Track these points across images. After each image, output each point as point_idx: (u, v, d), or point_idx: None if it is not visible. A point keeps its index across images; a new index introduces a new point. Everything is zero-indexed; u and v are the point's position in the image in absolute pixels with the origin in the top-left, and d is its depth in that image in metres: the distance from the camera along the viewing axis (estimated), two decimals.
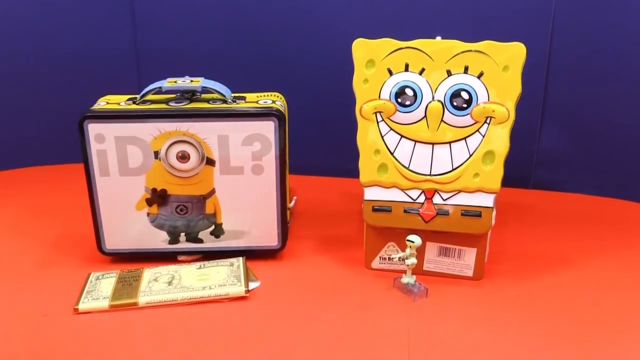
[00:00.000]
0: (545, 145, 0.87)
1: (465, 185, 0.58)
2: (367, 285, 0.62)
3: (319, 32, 0.87)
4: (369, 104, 0.59)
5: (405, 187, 0.60)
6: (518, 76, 0.56)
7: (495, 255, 0.67)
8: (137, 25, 0.92)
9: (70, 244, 0.70)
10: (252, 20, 0.88)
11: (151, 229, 0.65)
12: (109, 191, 0.63)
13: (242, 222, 0.65)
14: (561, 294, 0.60)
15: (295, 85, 0.85)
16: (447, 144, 0.58)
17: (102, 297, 0.58)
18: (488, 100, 0.57)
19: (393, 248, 0.63)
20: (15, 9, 0.90)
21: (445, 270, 0.63)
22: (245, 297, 0.59)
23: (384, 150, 0.59)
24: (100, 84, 0.81)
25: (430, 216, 0.59)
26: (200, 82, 0.63)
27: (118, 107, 0.62)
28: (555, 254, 0.68)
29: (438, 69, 0.57)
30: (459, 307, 0.57)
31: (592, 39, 0.78)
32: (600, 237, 0.73)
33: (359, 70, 0.59)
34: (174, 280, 0.61)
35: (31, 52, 0.92)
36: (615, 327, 0.54)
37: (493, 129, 0.57)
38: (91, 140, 0.60)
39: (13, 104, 0.95)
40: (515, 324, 0.55)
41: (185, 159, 0.62)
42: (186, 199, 0.64)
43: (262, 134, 0.61)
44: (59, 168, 0.97)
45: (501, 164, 0.57)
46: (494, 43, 0.56)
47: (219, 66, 0.90)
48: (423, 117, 0.58)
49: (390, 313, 0.56)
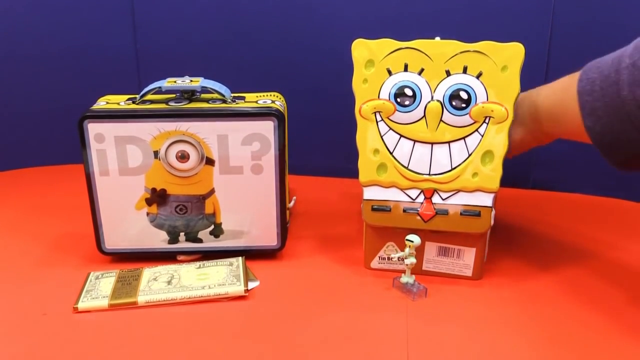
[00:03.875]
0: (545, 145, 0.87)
1: (465, 184, 0.58)
2: (366, 285, 0.62)
3: (319, 32, 0.87)
4: (368, 103, 0.59)
5: (404, 187, 0.60)
6: (517, 76, 0.56)
7: (495, 255, 0.67)
8: (137, 25, 0.92)
9: (70, 243, 0.70)
10: (252, 20, 0.88)
11: (151, 229, 0.65)
12: (108, 191, 0.63)
13: (242, 222, 0.65)
14: (560, 294, 0.60)
15: (294, 85, 0.85)
16: (446, 143, 0.58)
17: (102, 297, 0.58)
18: (487, 100, 0.57)
19: (392, 248, 0.63)
20: (15, 9, 0.90)
21: (444, 270, 0.63)
22: (244, 296, 0.59)
23: (383, 150, 0.59)
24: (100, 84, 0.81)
25: (430, 216, 0.59)
26: (200, 82, 0.63)
27: (118, 107, 0.62)
28: (555, 254, 0.68)
29: (437, 69, 0.57)
30: (458, 307, 0.58)
31: (591, 39, 0.78)
32: (600, 237, 0.73)
33: (358, 71, 0.59)
34: (173, 279, 0.61)
35: (31, 52, 0.92)
36: (615, 327, 0.54)
37: (492, 128, 0.57)
38: (91, 140, 0.61)
39: (13, 104, 0.95)
40: (514, 324, 0.55)
41: (185, 158, 0.62)
42: (186, 198, 0.64)
43: (261, 134, 0.61)
44: (59, 168, 0.97)
45: (500, 164, 0.58)
46: (492, 43, 0.56)
47: (219, 66, 0.90)
48: (422, 117, 0.58)
49: (390, 313, 0.57)
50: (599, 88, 0.50)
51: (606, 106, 0.50)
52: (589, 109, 0.51)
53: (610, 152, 0.53)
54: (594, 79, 0.51)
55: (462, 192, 0.59)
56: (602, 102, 0.50)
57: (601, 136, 0.52)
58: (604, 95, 0.50)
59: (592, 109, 0.51)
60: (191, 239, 0.66)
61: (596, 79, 0.51)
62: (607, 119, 0.50)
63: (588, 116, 0.52)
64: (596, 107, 0.51)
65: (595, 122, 0.51)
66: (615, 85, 0.49)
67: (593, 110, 0.51)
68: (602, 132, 0.51)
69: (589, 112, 0.51)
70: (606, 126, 0.50)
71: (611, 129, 0.50)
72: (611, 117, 0.50)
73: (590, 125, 0.52)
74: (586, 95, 0.51)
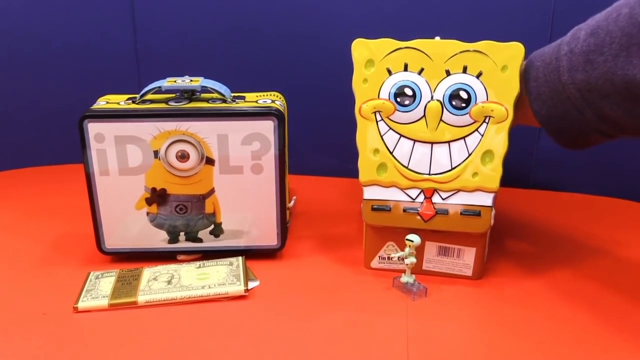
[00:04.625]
0: (545, 145, 0.87)
1: (465, 184, 0.58)
2: (366, 285, 0.62)
3: (319, 32, 0.87)
4: (368, 103, 0.59)
5: (404, 187, 0.60)
6: (517, 76, 0.56)
7: (495, 255, 0.67)
8: (137, 25, 0.92)
9: (70, 243, 0.70)
10: (252, 20, 0.88)
11: (151, 229, 0.65)
12: (108, 191, 0.63)
13: (242, 222, 0.65)
14: (560, 294, 0.60)
15: (295, 85, 0.85)
16: (446, 143, 0.58)
17: (102, 296, 0.58)
18: (487, 100, 0.57)
19: (392, 248, 0.63)
20: (15, 9, 0.90)
21: (444, 270, 0.63)
22: (244, 296, 0.59)
23: (383, 150, 0.59)
24: (100, 84, 0.81)
25: (430, 215, 0.59)
26: (200, 82, 0.63)
27: (118, 106, 0.62)
28: (555, 254, 0.68)
29: (437, 69, 0.57)
30: (458, 307, 0.58)
31: None
32: (600, 237, 0.73)
33: (358, 70, 0.59)
34: (173, 279, 0.61)
35: (31, 52, 0.92)
36: (615, 327, 0.54)
37: (492, 128, 0.57)
38: (91, 139, 0.61)
39: (13, 104, 0.95)
40: (514, 324, 0.55)
41: (185, 158, 0.62)
42: (186, 198, 0.64)
43: (261, 134, 0.61)
44: (59, 168, 0.97)
45: (500, 163, 0.58)
46: (492, 43, 0.56)
47: (219, 66, 0.91)
48: (422, 116, 0.58)
49: (389, 312, 0.57)
50: (542, 75, 0.54)
51: (550, 91, 0.54)
52: (535, 94, 0.55)
53: (556, 133, 0.57)
54: (538, 67, 0.55)
55: (462, 192, 0.59)
56: (546, 87, 0.54)
57: (547, 119, 0.56)
58: (547, 81, 0.54)
59: (537, 94, 0.55)
60: (191, 239, 0.66)
61: (539, 66, 0.55)
62: (551, 102, 0.54)
63: (535, 101, 0.56)
64: (541, 92, 0.55)
65: (541, 106, 0.55)
66: (556, 71, 0.53)
67: (539, 95, 0.55)
68: (547, 114, 0.55)
69: (536, 97, 0.55)
70: (551, 109, 0.55)
71: (555, 111, 0.54)
72: (554, 101, 0.54)
73: (537, 109, 0.56)
74: (532, 82, 0.55)
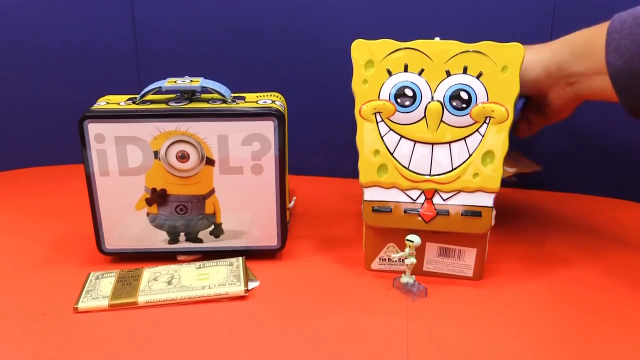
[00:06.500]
0: (545, 145, 0.87)
1: (465, 185, 0.58)
2: (366, 286, 0.62)
3: (319, 32, 0.87)
4: (368, 104, 0.59)
5: (405, 188, 0.60)
6: (517, 76, 0.56)
7: (495, 255, 0.67)
8: (137, 25, 0.92)
9: (70, 244, 0.70)
10: (252, 20, 0.88)
11: (151, 229, 0.65)
12: (108, 191, 0.63)
13: (242, 222, 0.65)
14: (561, 294, 0.60)
15: (295, 85, 0.85)
16: (447, 144, 0.58)
17: (102, 297, 0.58)
18: (487, 101, 0.57)
19: (393, 249, 0.63)
20: (15, 9, 0.90)
21: (445, 271, 0.63)
22: (244, 296, 0.59)
23: (384, 151, 0.59)
24: (100, 84, 0.81)
25: (431, 216, 0.59)
26: (200, 82, 0.63)
27: (118, 107, 0.62)
28: (555, 254, 0.68)
29: (437, 70, 0.57)
30: (458, 307, 0.58)
31: None
32: (601, 237, 0.73)
33: (358, 71, 0.59)
34: (173, 279, 0.61)
35: (31, 52, 0.92)
36: (615, 327, 0.54)
37: (492, 129, 0.57)
38: (91, 140, 0.61)
39: (13, 103, 0.95)
40: (515, 324, 0.55)
41: (185, 158, 0.62)
42: (186, 198, 0.64)
43: (261, 134, 0.61)
44: (59, 168, 0.97)
45: (500, 164, 0.58)
46: (492, 43, 0.56)
47: (219, 66, 0.91)
48: (422, 117, 0.58)
49: (390, 313, 0.57)
50: (628, 27, 0.53)
51: (632, 43, 0.53)
52: (615, 45, 0.54)
53: (624, 91, 0.55)
54: (625, 19, 0.54)
55: (463, 193, 0.59)
56: (629, 39, 0.53)
57: (619, 72, 0.54)
58: (631, 33, 0.53)
59: (617, 46, 0.54)
60: (191, 239, 0.66)
61: (627, 19, 0.54)
62: (630, 57, 0.53)
63: (612, 52, 0.54)
64: (622, 44, 0.54)
65: (617, 58, 0.54)
66: None
67: (618, 47, 0.54)
68: (621, 68, 0.54)
69: (614, 49, 0.54)
70: (627, 63, 0.53)
71: (632, 65, 0.53)
72: (633, 55, 0.53)
73: (612, 61, 0.54)
74: (614, 33, 0.54)
